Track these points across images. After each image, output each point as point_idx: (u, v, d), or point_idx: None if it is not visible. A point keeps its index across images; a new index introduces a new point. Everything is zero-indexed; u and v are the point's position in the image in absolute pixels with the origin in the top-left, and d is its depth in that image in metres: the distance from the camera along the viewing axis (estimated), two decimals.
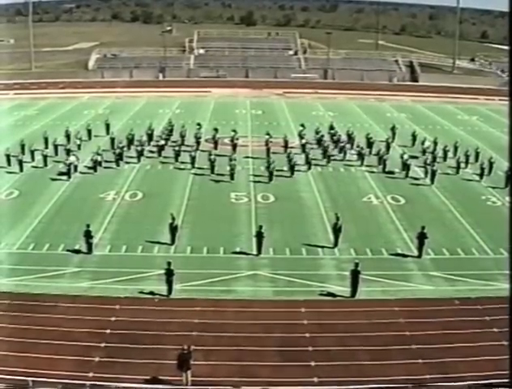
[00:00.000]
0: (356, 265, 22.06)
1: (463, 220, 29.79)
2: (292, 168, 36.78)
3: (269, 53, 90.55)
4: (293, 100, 65.53)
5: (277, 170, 36.14)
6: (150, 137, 43.59)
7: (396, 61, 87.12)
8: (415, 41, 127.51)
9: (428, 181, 35.76)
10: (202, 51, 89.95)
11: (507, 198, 32.46)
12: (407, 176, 36.76)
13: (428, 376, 17.41)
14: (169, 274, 21.69)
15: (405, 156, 38.16)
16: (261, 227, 25.57)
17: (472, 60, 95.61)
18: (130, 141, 42.05)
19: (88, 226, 25.42)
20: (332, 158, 39.77)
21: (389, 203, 32.27)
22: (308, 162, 38.17)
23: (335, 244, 26.24)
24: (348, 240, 26.86)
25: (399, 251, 26.12)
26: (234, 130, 43.79)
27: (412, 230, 27.74)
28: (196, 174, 36.60)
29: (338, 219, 26.47)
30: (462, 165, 38.38)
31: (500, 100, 60.79)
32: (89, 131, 45.22)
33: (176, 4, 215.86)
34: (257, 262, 24.84)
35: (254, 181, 35.32)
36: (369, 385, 16.58)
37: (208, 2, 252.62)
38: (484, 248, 26.49)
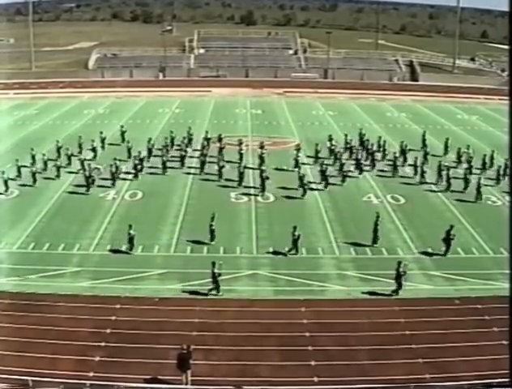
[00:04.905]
0: (399, 264, 22.09)
1: (463, 220, 29.79)
2: (303, 190, 32.85)
3: (269, 52, 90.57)
4: (293, 99, 65.51)
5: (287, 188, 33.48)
6: (150, 151, 39.10)
7: (396, 60, 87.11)
8: (415, 41, 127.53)
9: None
10: (202, 51, 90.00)
11: (507, 198, 32.47)
12: (448, 189, 33.75)
13: (428, 375, 17.43)
14: (214, 273, 21.74)
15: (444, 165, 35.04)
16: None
17: (472, 59, 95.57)
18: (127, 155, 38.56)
19: (130, 227, 25.33)
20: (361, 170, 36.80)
21: (389, 202, 32.28)
22: (325, 180, 34.17)
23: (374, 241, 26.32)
24: (348, 239, 26.94)
25: (399, 251, 26.12)
26: (241, 142, 40.32)
27: (412, 229, 27.99)
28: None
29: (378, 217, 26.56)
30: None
31: (500, 99, 60.84)
32: (80, 145, 39.88)
33: (176, 4, 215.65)
34: (257, 261, 24.86)
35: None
36: (369, 385, 16.58)
37: (208, 2, 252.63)
38: (484, 247, 26.49)
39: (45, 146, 40.53)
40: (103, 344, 18.74)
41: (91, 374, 17.15)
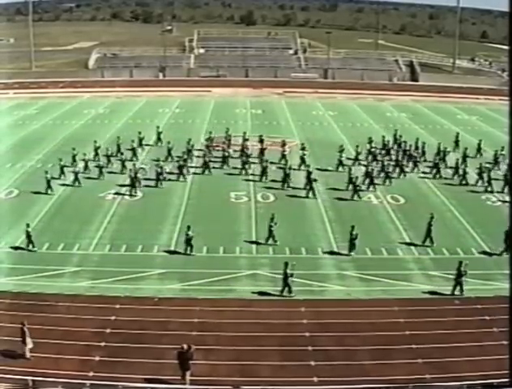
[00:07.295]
0: (460, 264, 22.09)
1: (463, 220, 29.79)
2: (355, 191, 32.45)
3: (269, 52, 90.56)
4: (293, 99, 65.51)
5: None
6: (189, 152, 38.41)
7: (396, 60, 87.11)
8: (415, 41, 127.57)
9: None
10: (202, 51, 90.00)
11: (507, 198, 32.49)
12: (487, 190, 34.09)
13: (428, 376, 17.43)
14: (286, 274, 21.69)
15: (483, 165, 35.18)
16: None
17: (472, 60, 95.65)
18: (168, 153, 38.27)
19: (189, 228, 25.28)
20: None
21: (388, 202, 32.30)
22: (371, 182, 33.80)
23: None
24: (347, 240, 26.89)
25: (399, 251, 26.15)
26: (284, 143, 40.50)
27: (412, 229, 27.98)
28: None
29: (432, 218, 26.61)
30: None
31: (500, 99, 60.78)
32: (118, 145, 38.81)
33: (176, 4, 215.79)
34: (257, 261, 24.86)
35: None
36: (369, 385, 16.58)
37: (208, 2, 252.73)
38: (483, 247, 26.49)
39: (45, 146, 40.54)
40: (103, 343, 18.74)
41: (91, 374, 17.16)
